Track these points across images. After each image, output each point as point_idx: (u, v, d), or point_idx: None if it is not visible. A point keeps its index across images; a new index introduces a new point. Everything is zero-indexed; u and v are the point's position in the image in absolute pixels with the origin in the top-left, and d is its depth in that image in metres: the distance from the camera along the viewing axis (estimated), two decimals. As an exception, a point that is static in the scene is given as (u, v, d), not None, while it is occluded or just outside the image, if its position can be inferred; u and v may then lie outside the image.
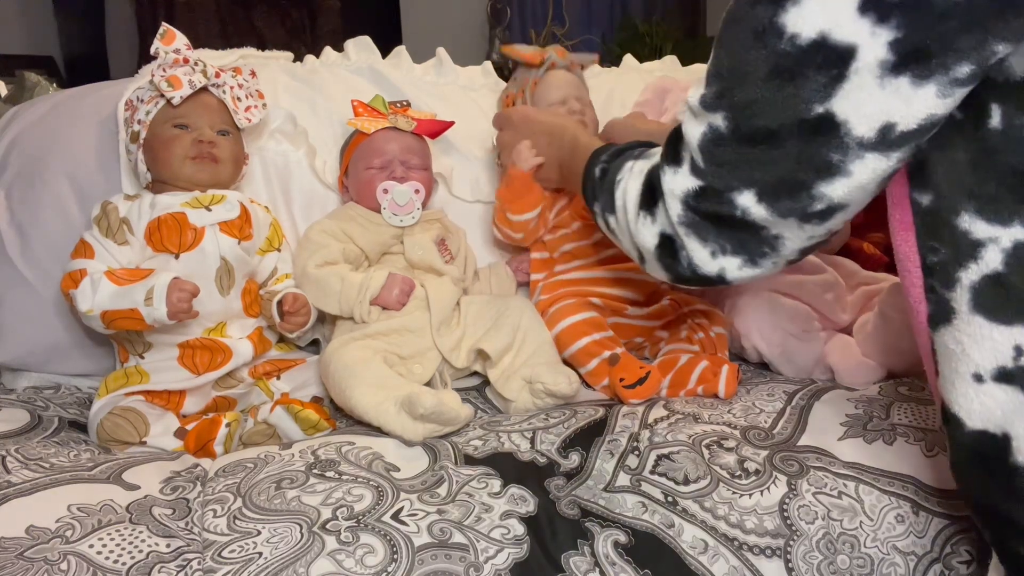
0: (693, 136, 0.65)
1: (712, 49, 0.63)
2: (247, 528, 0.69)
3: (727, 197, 0.63)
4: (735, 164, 0.62)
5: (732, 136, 0.62)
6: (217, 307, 0.99)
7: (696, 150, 0.65)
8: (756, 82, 0.58)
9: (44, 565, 0.63)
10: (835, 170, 0.58)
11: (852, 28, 0.53)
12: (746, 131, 0.61)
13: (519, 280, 1.19)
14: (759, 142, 0.60)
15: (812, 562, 0.72)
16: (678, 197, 0.67)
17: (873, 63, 0.53)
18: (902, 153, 0.57)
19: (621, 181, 0.78)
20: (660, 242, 0.72)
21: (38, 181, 1.09)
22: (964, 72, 0.52)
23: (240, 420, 0.94)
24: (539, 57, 1.18)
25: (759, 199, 0.62)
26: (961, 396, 0.58)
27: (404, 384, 0.92)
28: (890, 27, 0.52)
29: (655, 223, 0.72)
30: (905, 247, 0.61)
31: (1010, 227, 0.54)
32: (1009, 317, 0.55)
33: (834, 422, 0.85)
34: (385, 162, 1.11)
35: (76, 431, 0.94)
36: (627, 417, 0.87)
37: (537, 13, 3.59)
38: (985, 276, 0.55)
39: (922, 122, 0.54)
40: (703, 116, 0.64)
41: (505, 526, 0.72)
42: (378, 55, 1.34)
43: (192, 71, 1.01)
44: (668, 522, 0.74)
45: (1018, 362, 0.54)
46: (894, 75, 0.53)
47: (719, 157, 0.63)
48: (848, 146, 0.57)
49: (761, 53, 0.57)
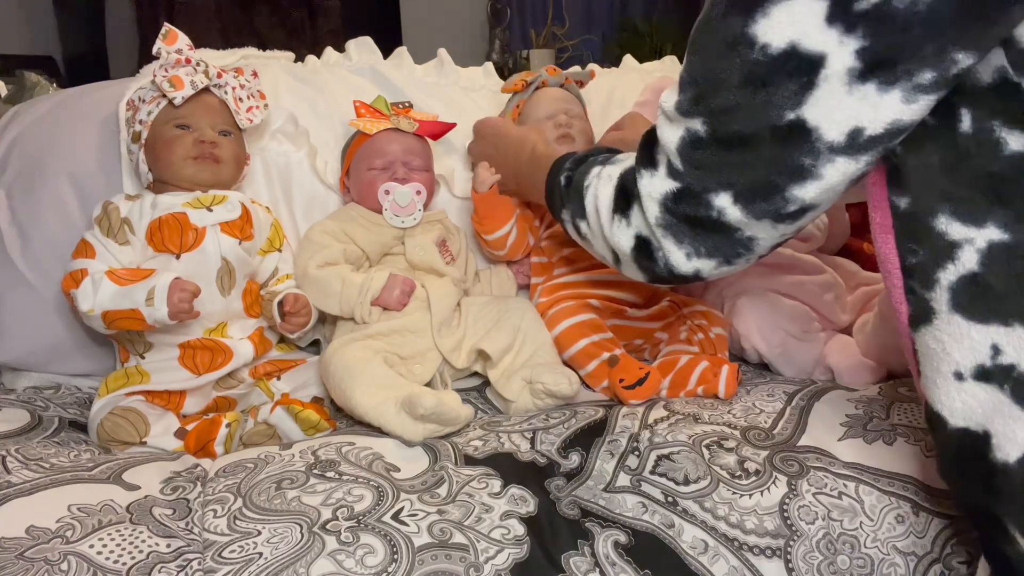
0: (670, 140, 0.66)
1: (685, 55, 0.65)
2: (247, 528, 0.69)
3: (704, 199, 0.65)
4: (713, 167, 0.64)
5: (710, 140, 0.63)
6: (218, 307, 0.99)
7: (674, 153, 0.66)
8: (730, 89, 0.60)
9: (44, 565, 0.63)
10: (807, 173, 0.60)
11: (820, 38, 0.55)
12: (723, 135, 0.62)
13: (519, 283, 1.19)
14: (735, 146, 0.62)
15: (812, 562, 0.72)
16: (656, 200, 0.69)
17: (841, 71, 0.55)
18: (870, 156, 0.58)
19: (590, 187, 0.80)
20: (636, 244, 0.74)
21: (39, 181, 1.09)
22: (927, 79, 0.54)
23: (240, 420, 0.95)
24: (521, 83, 1.22)
25: (735, 201, 0.64)
26: (943, 395, 0.59)
27: (404, 384, 0.92)
28: (857, 36, 0.54)
29: (630, 226, 0.74)
30: (886, 249, 0.63)
31: (984, 228, 0.56)
32: (986, 316, 0.56)
33: (834, 422, 0.85)
34: (387, 163, 1.11)
35: (76, 431, 0.94)
36: (627, 417, 0.87)
37: (537, 13, 3.59)
38: (962, 276, 0.57)
39: (888, 127, 0.56)
40: (680, 121, 0.65)
41: (505, 526, 0.72)
42: (379, 55, 1.34)
43: (194, 71, 1.01)
44: (668, 522, 0.74)
45: (996, 360, 0.55)
46: (861, 82, 0.55)
47: (697, 160, 0.65)
48: (819, 151, 0.58)
49: (734, 62, 0.59)
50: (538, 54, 3.30)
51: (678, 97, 0.65)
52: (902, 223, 0.61)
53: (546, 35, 3.49)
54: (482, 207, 1.11)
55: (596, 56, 3.41)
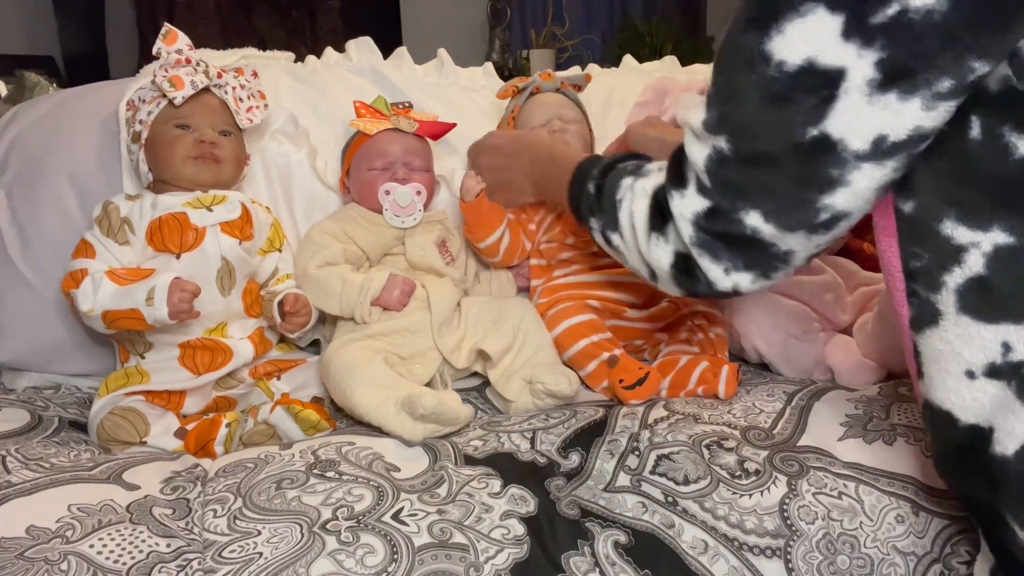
0: (698, 158, 0.66)
1: (711, 73, 0.65)
2: (247, 528, 0.69)
3: (736, 217, 0.65)
4: (741, 185, 0.64)
5: (735, 158, 0.63)
6: (218, 307, 0.99)
7: (702, 171, 0.66)
8: (751, 107, 0.60)
9: (44, 565, 0.63)
10: (835, 183, 0.60)
11: (838, 53, 0.55)
12: (747, 154, 0.62)
13: (519, 285, 1.19)
14: (760, 164, 0.62)
15: (812, 562, 0.72)
16: (688, 219, 0.69)
17: (862, 83, 0.55)
18: (896, 162, 0.58)
19: (623, 201, 0.79)
20: (675, 261, 0.73)
21: (39, 181, 1.09)
22: (945, 87, 0.54)
23: (240, 420, 0.95)
24: (513, 89, 1.22)
25: (766, 218, 0.64)
26: (953, 394, 0.60)
27: (404, 384, 0.92)
28: (875, 48, 0.54)
29: (668, 243, 0.73)
30: (888, 252, 0.64)
31: (989, 232, 0.56)
32: (995, 316, 0.57)
33: (834, 422, 0.85)
34: (387, 163, 1.11)
35: (76, 431, 0.94)
36: (627, 417, 0.87)
37: (537, 13, 3.59)
38: (969, 279, 0.58)
39: (911, 133, 0.56)
40: (707, 138, 0.65)
41: (505, 526, 0.72)
42: (379, 56, 1.34)
43: (194, 71, 1.01)
44: (668, 522, 0.74)
45: (1006, 358, 0.56)
46: (882, 92, 0.55)
47: (725, 178, 0.65)
48: (845, 160, 0.58)
49: (752, 79, 0.59)
50: (538, 54, 3.30)
51: (705, 115, 0.65)
52: (906, 227, 0.62)
53: (546, 35, 3.49)
54: (470, 216, 1.11)
55: (596, 56, 3.41)
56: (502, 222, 1.12)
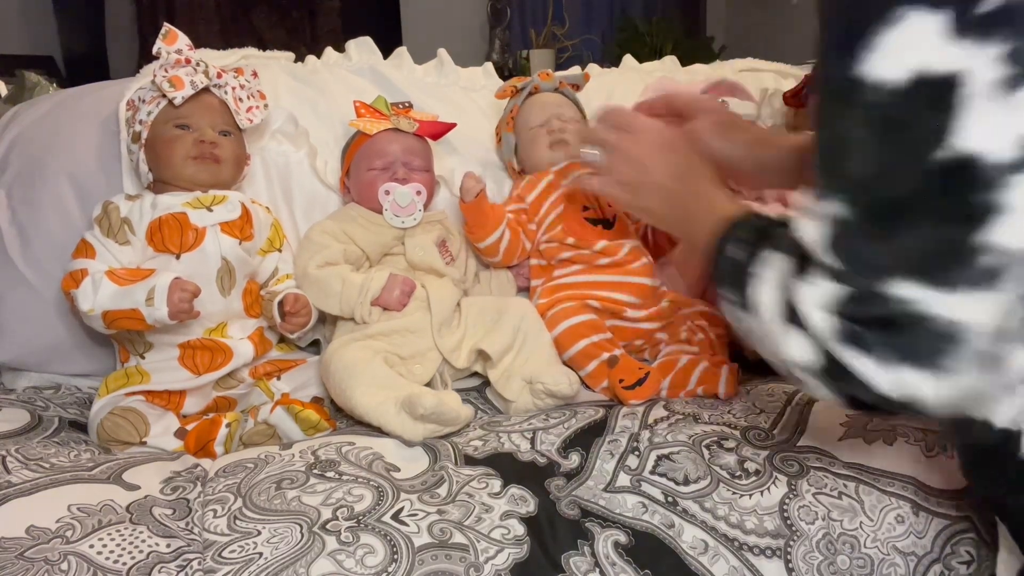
0: (814, 237, 0.56)
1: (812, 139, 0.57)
2: (247, 528, 0.69)
3: (878, 293, 0.53)
4: (873, 252, 0.53)
5: (859, 219, 0.53)
6: (218, 307, 0.99)
7: (825, 251, 0.55)
8: (861, 148, 0.52)
9: (44, 565, 0.63)
10: (988, 209, 0.49)
11: (949, 55, 0.48)
12: (872, 209, 0.53)
13: (519, 285, 1.19)
14: (890, 215, 0.52)
15: (812, 562, 0.72)
16: (822, 310, 0.56)
17: (986, 83, 0.48)
18: None
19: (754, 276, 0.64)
20: (815, 359, 0.58)
21: (39, 181, 1.09)
22: None
23: (240, 420, 0.95)
24: (511, 89, 1.22)
25: (913, 281, 0.51)
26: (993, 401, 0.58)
27: (404, 384, 0.92)
28: (995, 43, 0.47)
29: (806, 339, 0.58)
30: None
31: None
32: None
33: (834, 422, 0.85)
34: (387, 163, 1.11)
35: (76, 431, 0.94)
36: (627, 417, 0.87)
37: (537, 13, 3.59)
38: None
39: None
40: (820, 209, 0.56)
41: (505, 526, 0.72)
42: (379, 56, 1.34)
43: (194, 71, 1.01)
44: (668, 522, 0.74)
45: None
46: (1013, 89, 0.47)
47: (852, 250, 0.54)
48: (991, 178, 0.48)
49: (853, 114, 0.51)
50: (538, 54, 3.30)
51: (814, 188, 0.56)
52: None
53: (546, 35, 3.49)
54: (470, 216, 1.11)
55: (596, 56, 3.41)
56: (502, 222, 1.12)
